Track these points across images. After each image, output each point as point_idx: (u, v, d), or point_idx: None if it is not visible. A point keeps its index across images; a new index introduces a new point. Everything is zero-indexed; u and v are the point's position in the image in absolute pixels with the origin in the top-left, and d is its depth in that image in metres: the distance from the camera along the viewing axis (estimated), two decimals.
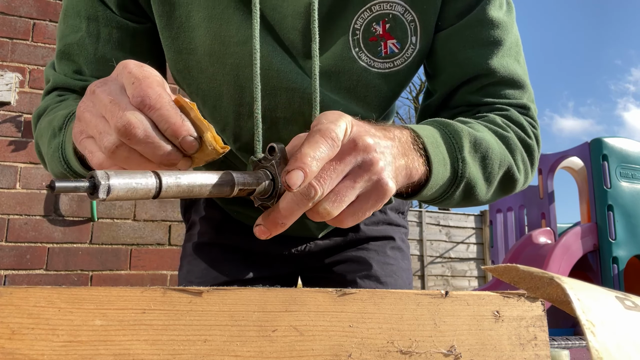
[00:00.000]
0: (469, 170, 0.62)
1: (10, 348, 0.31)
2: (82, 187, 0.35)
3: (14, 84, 2.43)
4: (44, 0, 2.55)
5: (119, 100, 0.44)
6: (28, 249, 2.35)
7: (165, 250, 2.57)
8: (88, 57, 0.73)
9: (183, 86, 0.78)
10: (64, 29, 0.75)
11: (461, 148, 0.62)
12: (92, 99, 0.46)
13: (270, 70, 0.71)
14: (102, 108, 0.45)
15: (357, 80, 0.74)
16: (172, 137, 0.43)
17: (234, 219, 0.95)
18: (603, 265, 3.69)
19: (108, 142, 0.44)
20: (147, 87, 0.43)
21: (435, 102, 0.80)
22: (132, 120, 0.42)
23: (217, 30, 0.70)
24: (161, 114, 0.43)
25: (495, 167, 0.67)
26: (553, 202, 4.24)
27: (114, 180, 0.36)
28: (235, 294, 0.36)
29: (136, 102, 0.43)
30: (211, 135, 0.44)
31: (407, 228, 1.05)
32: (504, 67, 0.74)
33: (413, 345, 0.40)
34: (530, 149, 0.73)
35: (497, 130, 0.69)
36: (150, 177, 0.38)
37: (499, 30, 0.74)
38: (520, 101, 0.75)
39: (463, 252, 7.69)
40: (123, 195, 0.37)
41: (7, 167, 2.38)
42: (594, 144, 3.87)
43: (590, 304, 0.34)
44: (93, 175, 0.36)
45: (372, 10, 0.71)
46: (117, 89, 0.45)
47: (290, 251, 0.94)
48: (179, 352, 0.34)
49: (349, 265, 0.95)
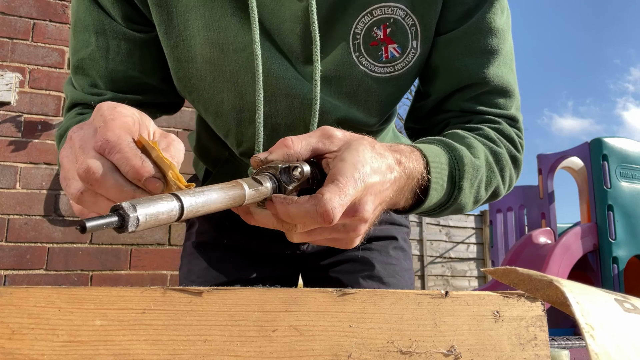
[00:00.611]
0: (462, 197, 0.66)
1: (10, 348, 0.31)
2: (112, 222, 0.34)
3: (14, 84, 2.43)
4: (44, 0, 2.55)
5: (85, 145, 0.45)
6: (28, 249, 2.35)
7: (165, 250, 2.57)
8: (100, 71, 0.74)
9: (185, 94, 0.78)
10: (75, 45, 0.75)
11: (462, 176, 0.64)
12: (70, 144, 0.47)
13: (269, 76, 0.71)
14: (73, 154, 0.47)
15: (357, 85, 0.73)
16: (134, 179, 0.43)
17: (234, 218, 0.95)
18: (603, 265, 3.69)
19: (73, 189, 0.46)
20: (107, 131, 0.44)
21: (428, 105, 0.81)
22: (91, 166, 0.43)
23: (215, 37, 0.70)
24: (120, 157, 0.43)
25: (483, 190, 0.70)
26: (553, 202, 4.24)
27: (141, 211, 0.35)
28: (235, 294, 0.36)
29: (97, 147, 0.44)
30: (173, 173, 0.44)
31: (409, 227, 1.05)
32: (498, 76, 0.75)
33: (413, 345, 0.40)
34: (518, 162, 0.77)
35: (492, 146, 0.72)
36: (172, 201, 0.38)
37: (497, 38, 0.75)
38: (510, 112, 0.78)
39: (463, 252, 7.68)
40: (150, 225, 0.36)
41: (7, 167, 2.38)
42: (594, 144, 3.87)
43: (590, 307, 0.34)
44: (119, 209, 0.35)
45: (373, 14, 0.71)
46: (89, 134, 0.46)
47: (291, 251, 0.94)
48: (179, 352, 0.34)
49: (351, 265, 0.94)
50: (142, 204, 0.36)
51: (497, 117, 0.77)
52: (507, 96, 0.78)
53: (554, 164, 4.18)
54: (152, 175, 0.43)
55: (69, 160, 0.47)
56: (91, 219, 0.33)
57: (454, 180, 0.64)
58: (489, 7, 0.73)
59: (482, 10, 0.73)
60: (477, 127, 0.75)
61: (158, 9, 0.70)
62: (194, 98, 0.77)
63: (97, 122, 0.46)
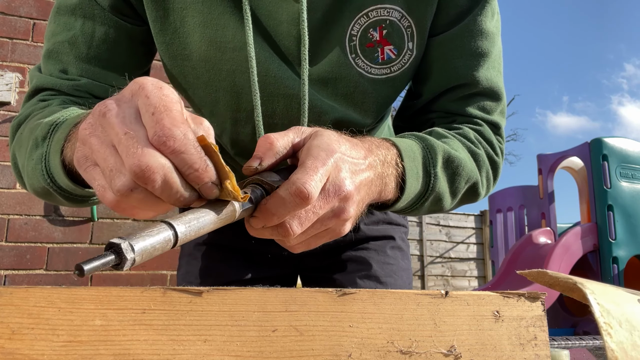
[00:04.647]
0: (438, 185, 0.66)
1: (10, 348, 0.31)
2: (110, 262, 0.34)
3: (14, 84, 2.43)
4: (44, 0, 2.55)
5: (135, 133, 0.39)
6: (28, 249, 2.35)
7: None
8: (79, 55, 0.71)
9: (179, 91, 0.77)
10: (54, 28, 0.73)
11: (435, 163, 0.65)
12: (102, 122, 0.41)
13: (267, 76, 0.70)
14: (113, 137, 0.40)
15: (354, 87, 0.73)
16: (193, 182, 0.40)
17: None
18: (603, 265, 3.69)
19: (121, 185, 0.39)
20: (172, 126, 0.39)
21: (417, 105, 0.81)
22: (152, 165, 0.38)
23: (212, 36, 0.69)
24: (185, 158, 0.39)
25: (463, 182, 0.71)
26: (553, 202, 4.24)
27: (138, 248, 0.35)
28: (235, 294, 0.36)
29: (157, 142, 0.38)
30: (231, 184, 0.41)
31: (407, 227, 1.05)
32: (487, 79, 0.76)
33: (413, 345, 0.40)
34: (496, 165, 0.78)
35: (470, 146, 0.73)
36: (166, 232, 0.37)
37: (487, 41, 0.76)
38: (493, 118, 0.79)
39: (463, 252, 7.69)
40: (149, 257, 0.36)
41: (7, 167, 2.38)
42: (594, 144, 3.87)
43: (610, 307, 0.37)
44: (115, 248, 0.34)
45: (369, 16, 0.71)
46: (132, 116, 0.40)
47: (289, 252, 0.94)
48: (179, 352, 0.34)
49: (348, 265, 0.95)
50: (139, 240, 0.35)
51: (480, 120, 0.78)
52: (494, 99, 0.78)
53: (554, 164, 4.18)
54: (212, 181, 0.40)
55: (102, 142, 0.41)
56: (88, 262, 0.33)
57: (427, 169, 0.65)
58: (481, 9, 0.74)
59: (473, 13, 0.74)
60: (457, 127, 0.76)
61: (154, 4, 0.70)
62: (189, 96, 0.76)
63: (141, 104, 0.40)
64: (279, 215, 0.46)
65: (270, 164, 0.49)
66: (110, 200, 0.42)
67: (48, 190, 0.60)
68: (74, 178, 0.56)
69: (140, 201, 0.40)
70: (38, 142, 0.59)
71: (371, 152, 0.56)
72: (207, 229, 0.41)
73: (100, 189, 0.42)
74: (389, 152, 0.59)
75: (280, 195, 0.45)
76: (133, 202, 0.41)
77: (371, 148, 0.56)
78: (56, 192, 0.60)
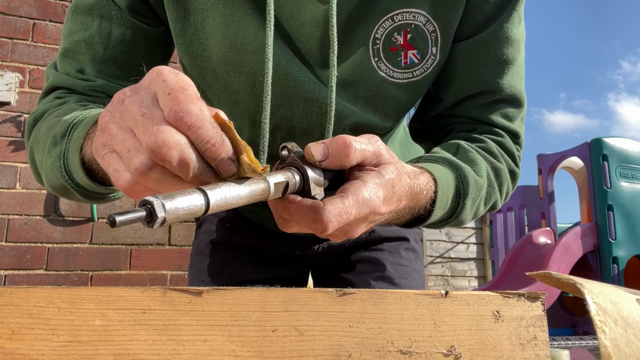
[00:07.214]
0: (463, 214, 0.68)
1: (10, 348, 0.31)
2: (141, 217, 0.34)
3: (14, 84, 2.43)
4: (44, 0, 2.55)
5: (152, 113, 0.39)
6: (28, 249, 2.35)
7: (165, 250, 2.57)
8: (96, 56, 0.71)
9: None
10: (71, 27, 0.72)
11: (466, 195, 0.66)
12: (120, 109, 0.41)
13: (287, 79, 0.69)
14: (131, 121, 0.40)
15: (375, 91, 0.72)
16: (210, 158, 0.40)
17: (246, 218, 0.94)
18: (603, 265, 3.69)
19: (139, 163, 0.39)
20: (188, 102, 0.39)
21: (437, 109, 0.81)
22: (169, 141, 0.38)
23: (233, 37, 0.68)
24: (202, 134, 0.39)
25: (485, 207, 0.73)
26: (553, 202, 4.24)
27: (169, 207, 0.35)
28: (235, 294, 0.36)
29: (173, 118, 0.39)
30: (248, 156, 0.41)
31: (420, 228, 1.04)
32: (511, 86, 0.76)
33: (413, 345, 0.40)
34: (516, 176, 0.79)
35: (493, 162, 0.74)
36: (199, 197, 0.37)
37: (513, 48, 0.75)
38: (514, 127, 0.79)
39: (463, 252, 7.68)
40: (179, 219, 0.36)
41: (7, 167, 2.38)
42: (594, 143, 3.87)
43: (607, 305, 0.38)
44: (148, 203, 0.34)
45: (394, 20, 0.69)
46: (149, 100, 0.40)
47: (303, 252, 0.93)
48: (179, 352, 0.34)
49: (362, 266, 0.94)
50: (170, 199, 0.35)
51: (501, 129, 0.78)
52: (517, 105, 0.78)
53: (554, 164, 4.18)
54: (228, 156, 0.40)
55: (120, 128, 0.41)
56: (121, 214, 0.33)
57: (457, 200, 0.66)
58: (508, 16, 0.73)
59: (500, 20, 0.73)
60: (480, 139, 0.76)
61: (175, 5, 0.69)
62: (206, 97, 0.75)
63: (158, 88, 0.40)
64: (293, 219, 0.46)
65: (328, 168, 0.47)
66: (126, 182, 0.41)
67: (66, 187, 0.60)
68: (92, 176, 0.56)
69: (157, 181, 0.40)
70: (57, 139, 0.60)
71: (410, 196, 0.55)
72: (239, 202, 0.40)
73: (115, 173, 0.42)
74: (429, 185, 0.59)
75: (304, 211, 0.44)
76: (150, 182, 0.41)
77: (413, 190, 0.56)
78: (74, 189, 0.60)
